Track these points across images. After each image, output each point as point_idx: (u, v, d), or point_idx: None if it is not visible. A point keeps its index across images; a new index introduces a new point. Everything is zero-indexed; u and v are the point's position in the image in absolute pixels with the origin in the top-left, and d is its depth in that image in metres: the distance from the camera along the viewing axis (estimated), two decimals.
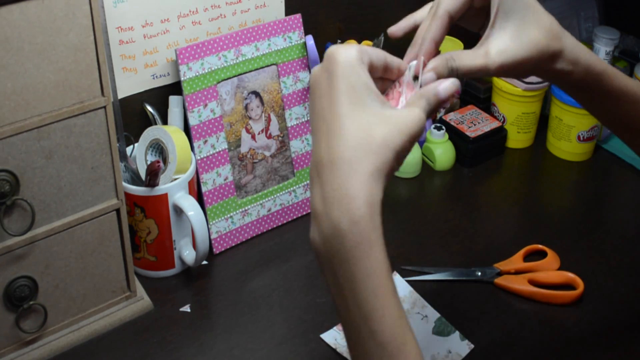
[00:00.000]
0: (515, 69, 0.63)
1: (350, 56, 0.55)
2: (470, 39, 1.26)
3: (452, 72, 0.61)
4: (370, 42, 1.07)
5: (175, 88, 0.97)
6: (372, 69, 0.58)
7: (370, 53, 0.57)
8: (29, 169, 0.73)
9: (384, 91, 0.62)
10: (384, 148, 0.52)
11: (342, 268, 0.51)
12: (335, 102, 0.53)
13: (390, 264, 0.53)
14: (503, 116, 1.17)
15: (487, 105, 1.21)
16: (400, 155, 0.53)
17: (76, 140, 0.75)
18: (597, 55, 0.67)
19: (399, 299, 0.52)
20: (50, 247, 0.78)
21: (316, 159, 0.53)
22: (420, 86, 0.60)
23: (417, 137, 0.55)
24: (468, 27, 0.70)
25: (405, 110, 0.56)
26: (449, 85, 0.59)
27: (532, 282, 0.91)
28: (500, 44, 0.62)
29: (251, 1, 1.00)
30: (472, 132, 1.13)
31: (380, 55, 0.59)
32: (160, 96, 0.97)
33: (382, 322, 0.51)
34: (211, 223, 0.96)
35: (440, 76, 0.61)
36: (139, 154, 0.92)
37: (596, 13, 1.32)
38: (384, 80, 0.62)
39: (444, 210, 1.06)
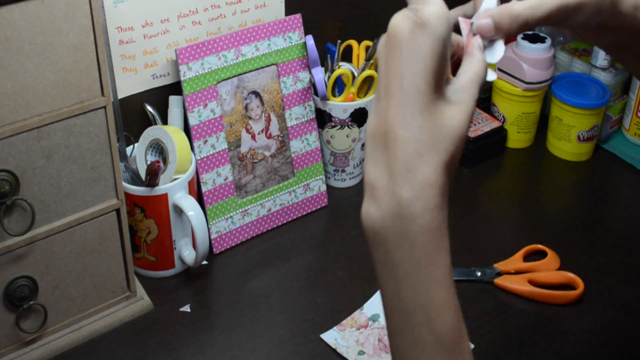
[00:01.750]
0: (571, 15, 0.55)
1: (446, 25, 0.49)
2: None
3: (513, 22, 0.54)
4: (370, 42, 1.07)
5: (175, 88, 0.97)
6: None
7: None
8: (29, 169, 0.73)
9: None
10: (460, 139, 0.50)
11: (403, 250, 0.49)
12: (420, 75, 0.48)
13: None
14: (503, 116, 1.17)
15: (487, 105, 1.21)
16: (463, 146, 0.51)
17: (76, 140, 0.75)
18: None
19: (457, 293, 0.50)
20: (50, 247, 0.78)
21: (386, 128, 0.49)
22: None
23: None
24: None
25: (473, 96, 0.51)
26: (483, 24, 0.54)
27: (532, 282, 0.91)
28: None
29: (251, 1, 1.00)
30: (472, 132, 1.13)
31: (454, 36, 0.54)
32: (160, 96, 0.97)
33: (441, 313, 0.49)
34: (211, 223, 0.96)
35: (499, 26, 0.54)
36: (139, 154, 0.92)
37: None
38: None
39: None
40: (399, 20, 0.49)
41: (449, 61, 0.51)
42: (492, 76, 0.56)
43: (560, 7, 0.54)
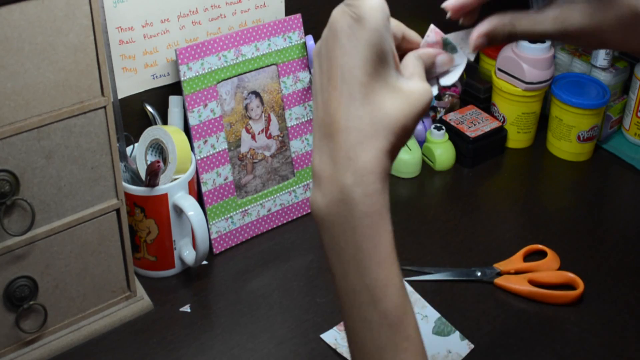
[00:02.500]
0: (582, 38, 0.60)
1: (381, 17, 0.51)
2: None
3: (510, 37, 0.59)
4: None
5: (175, 88, 0.97)
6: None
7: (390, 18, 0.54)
8: (29, 169, 0.73)
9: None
10: (402, 129, 0.51)
11: (346, 235, 0.51)
12: (359, 67, 0.50)
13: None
14: (503, 116, 1.17)
15: (487, 105, 1.21)
16: (409, 135, 0.53)
17: (76, 140, 0.75)
18: None
19: (400, 270, 0.52)
20: (50, 247, 0.78)
21: (329, 119, 0.51)
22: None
23: (426, 110, 0.54)
24: None
25: (420, 87, 0.54)
26: (444, 59, 0.58)
27: (532, 282, 0.91)
28: (568, 13, 0.59)
29: (251, 1, 1.00)
30: (472, 132, 1.13)
31: (400, 24, 0.57)
32: (160, 96, 0.97)
33: (385, 291, 0.51)
34: (211, 223, 0.96)
35: (494, 39, 0.59)
36: (139, 154, 0.92)
37: None
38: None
39: (444, 210, 1.06)
40: (337, 15, 0.51)
41: (391, 52, 0.52)
42: (435, 91, 0.59)
43: (557, 31, 0.59)
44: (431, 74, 0.60)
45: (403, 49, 0.59)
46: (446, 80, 0.60)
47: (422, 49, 0.59)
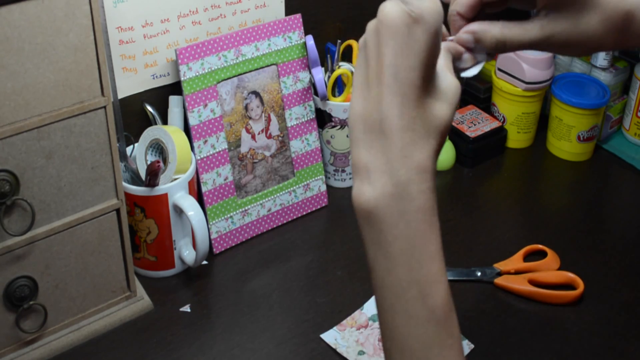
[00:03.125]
0: (571, 47, 0.63)
1: (439, 20, 0.51)
2: None
3: (497, 46, 0.61)
4: None
5: (175, 88, 0.97)
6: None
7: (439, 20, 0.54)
8: (29, 169, 0.73)
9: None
10: (447, 128, 0.53)
11: (398, 229, 0.51)
12: (415, 69, 0.50)
13: None
14: (503, 116, 1.17)
15: (487, 105, 1.21)
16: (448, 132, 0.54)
17: (76, 140, 0.75)
18: None
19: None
20: (50, 247, 0.78)
21: (380, 116, 0.51)
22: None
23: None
24: (519, 6, 0.68)
25: (454, 83, 0.54)
26: (469, 56, 0.60)
27: (532, 282, 0.91)
28: (554, 22, 0.62)
29: (251, 1, 1.00)
30: (472, 132, 1.13)
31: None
32: (160, 96, 0.97)
33: (435, 287, 0.51)
34: (211, 223, 0.96)
35: (482, 41, 0.61)
36: (139, 154, 0.92)
37: None
38: None
39: (444, 210, 1.06)
40: (393, 12, 0.50)
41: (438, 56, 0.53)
42: (473, 71, 0.60)
43: (545, 39, 0.62)
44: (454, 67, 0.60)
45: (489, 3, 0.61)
46: (468, 73, 0.61)
47: (451, 43, 0.59)
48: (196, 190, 0.93)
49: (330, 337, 0.85)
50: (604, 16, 0.61)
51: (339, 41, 1.05)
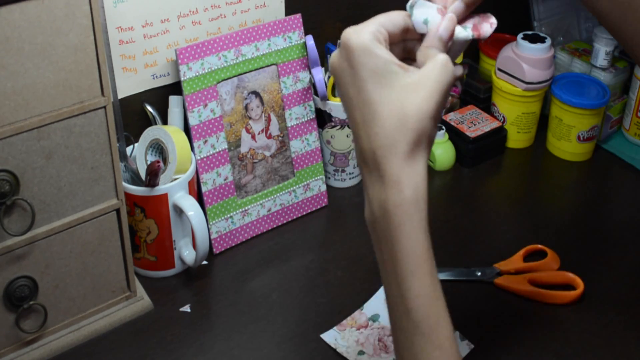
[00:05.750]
0: None
1: (365, 40, 0.55)
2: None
3: None
4: None
5: (175, 88, 0.97)
6: (391, 39, 0.58)
7: (386, 24, 0.57)
8: (29, 169, 0.73)
9: (405, 55, 0.61)
10: (420, 121, 0.53)
11: (387, 247, 0.54)
12: (362, 90, 0.54)
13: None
14: (503, 116, 1.17)
15: (487, 105, 1.21)
16: (439, 113, 0.54)
17: (76, 140, 0.75)
18: None
19: (437, 280, 0.54)
20: (50, 247, 0.78)
21: (359, 147, 0.55)
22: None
23: (451, 84, 0.55)
24: None
25: (429, 65, 0.55)
26: (446, 24, 0.58)
27: (532, 282, 0.91)
28: None
29: (251, 1, 1.00)
30: (472, 132, 1.13)
31: (397, 21, 0.58)
32: (160, 96, 0.97)
33: (416, 301, 0.53)
34: (211, 223, 0.96)
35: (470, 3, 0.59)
36: (139, 154, 0.92)
37: None
38: (406, 42, 0.61)
39: (444, 210, 1.06)
40: (334, 60, 0.58)
41: (386, 63, 0.55)
42: (464, 32, 0.59)
43: None
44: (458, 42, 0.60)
45: (410, 39, 0.60)
46: (485, 31, 0.60)
47: (431, 37, 0.58)
48: (196, 190, 0.93)
49: (330, 337, 0.85)
50: None
51: (339, 41, 1.05)
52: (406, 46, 0.61)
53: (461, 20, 0.60)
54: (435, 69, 0.54)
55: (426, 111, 0.53)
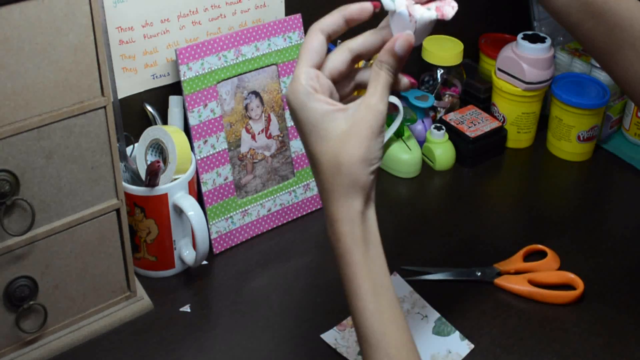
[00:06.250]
0: None
1: (300, 99, 0.60)
2: (470, 39, 1.26)
3: None
4: None
5: (175, 88, 0.97)
6: (336, 76, 0.63)
7: (308, 61, 0.61)
8: (29, 169, 0.73)
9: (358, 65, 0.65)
10: (351, 167, 0.59)
11: (339, 273, 0.61)
12: (307, 144, 0.61)
13: (388, 263, 0.61)
14: (503, 116, 1.17)
15: (487, 105, 1.21)
16: (370, 154, 0.59)
17: (76, 140, 0.75)
18: None
19: (385, 295, 0.60)
20: (50, 247, 0.78)
21: (317, 186, 0.63)
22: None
23: (382, 126, 0.59)
24: None
25: (361, 110, 0.59)
26: (401, 43, 0.61)
27: (532, 282, 0.91)
28: None
29: (251, 1, 1.00)
30: (472, 132, 1.13)
31: (341, 57, 0.63)
32: (160, 96, 0.97)
33: (361, 317, 0.60)
34: (211, 223, 0.96)
35: None
36: (139, 154, 0.92)
37: None
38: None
39: (444, 210, 1.06)
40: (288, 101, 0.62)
41: (320, 111, 0.60)
42: (427, 13, 0.61)
43: None
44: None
45: (360, 81, 0.66)
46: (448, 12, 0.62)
47: (386, 52, 0.61)
48: (196, 190, 0.93)
49: (330, 337, 0.85)
50: None
51: (339, 41, 1.05)
52: (357, 81, 0.66)
53: (424, 4, 0.62)
54: (367, 115, 0.59)
55: (357, 157, 0.58)
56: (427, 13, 0.61)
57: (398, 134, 1.11)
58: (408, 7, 0.61)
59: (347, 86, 0.65)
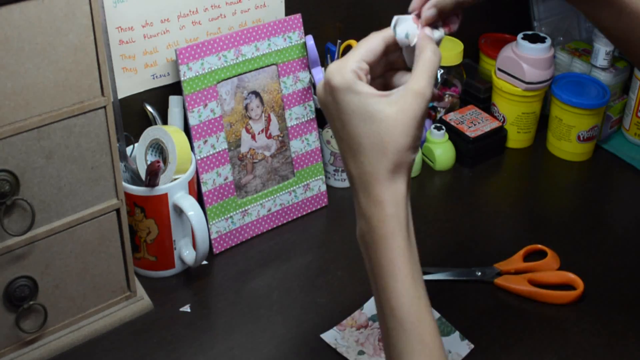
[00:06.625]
0: None
1: (346, 80, 0.59)
2: (470, 39, 1.26)
3: (457, 3, 0.64)
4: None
5: (175, 88, 0.97)
6: (373, 66, 0.62)
7: (366, 56, 0.61)
8: (29, 169, 0.73)
9: (388, 67, 0.66)
10: (397, 152, 0.59)
11: (374, 257, 0.60)
12: (347, 124, 0.60)
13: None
14: (503, 116, 1.17)
15: (487, 105, 1.21)
16: (415, 142, 0.60)
17: (76, 140, 0.75)
18: None
19: (420, 283, 0.60)
20: (50, 247, 0.78)
21: (348, 172, 0.62)
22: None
23: (426, 112, 0.60)
24: None
25: (407, 97, 0.59)
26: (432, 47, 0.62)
27: (532, 282, 0.91)
28: None
29: (251, 1, 1.00)
30: (472, 132, 1.13)
31: (376, 48, 0.62)
32: (160, 96, 0.97)
33: (399, 300, 0.58)
34: (211, 223, 0.96)
35: (443, 8, 0.63)
36: (139, 154, 0.92)
37: None
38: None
39: (444, 210, 1.06)
40: (320, 93, 0.64)
41: (361, 93, 0.60)
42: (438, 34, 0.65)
43: None
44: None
45: (392, 52, 0.65)
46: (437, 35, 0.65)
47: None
48: (196, 190, 0.93)
49: (330, 337, 0.85)
50: None
51: (339, 41, 1.05)
52: (388, 59, 0.66)
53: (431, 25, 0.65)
54: (413, 103, 0.59)
55: (403, 144, 0.59)
56: (437, 34, 0.64)
57: None
58: (419, 38, 0.63)
59: (376, 71, 0.65)
